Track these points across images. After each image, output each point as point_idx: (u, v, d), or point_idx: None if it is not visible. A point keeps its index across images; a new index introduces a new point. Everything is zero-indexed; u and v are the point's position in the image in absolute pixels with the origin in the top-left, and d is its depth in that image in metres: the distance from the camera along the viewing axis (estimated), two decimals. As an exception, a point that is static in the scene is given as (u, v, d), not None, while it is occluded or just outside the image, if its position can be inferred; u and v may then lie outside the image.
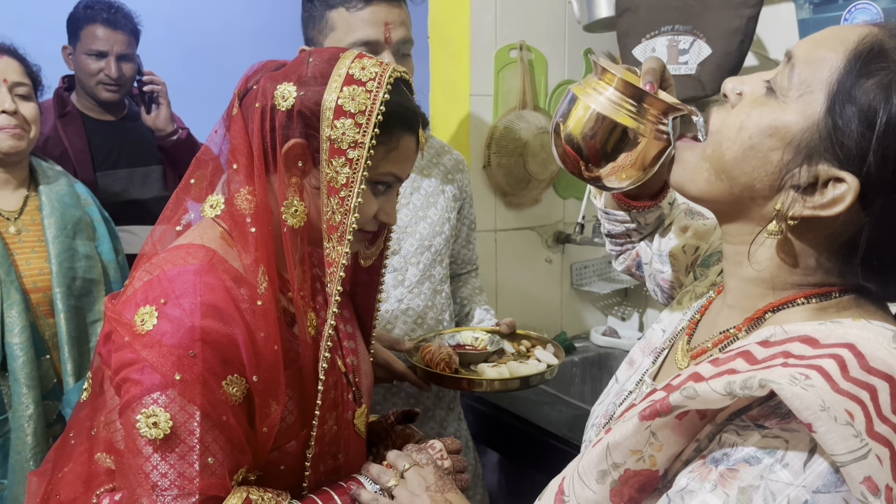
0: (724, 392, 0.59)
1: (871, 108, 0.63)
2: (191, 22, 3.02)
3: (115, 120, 2.28)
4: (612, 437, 0.67)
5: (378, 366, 1.30)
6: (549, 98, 2.15)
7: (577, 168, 0.84)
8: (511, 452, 1.79)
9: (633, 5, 1.83)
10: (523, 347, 1.43)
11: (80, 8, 2.20)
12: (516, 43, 2.07)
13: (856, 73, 0.64)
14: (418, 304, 1.50)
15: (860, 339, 0.61)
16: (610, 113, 0.79)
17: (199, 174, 0.96)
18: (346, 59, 0.91)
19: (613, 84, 0.80)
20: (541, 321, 2.24)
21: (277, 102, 0.89)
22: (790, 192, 0.67)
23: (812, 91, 0.66)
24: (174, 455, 0.81)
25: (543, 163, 2.09)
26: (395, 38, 1.36)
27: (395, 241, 1.48)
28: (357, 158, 0.88)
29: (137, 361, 0.82)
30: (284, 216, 0.90)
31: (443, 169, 1.59)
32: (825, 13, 1.50)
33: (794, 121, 0.66)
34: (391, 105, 0.90)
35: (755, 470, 0.58)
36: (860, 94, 0.64)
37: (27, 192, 1.61)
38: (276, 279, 0.90)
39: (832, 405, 0.55)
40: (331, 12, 1.36)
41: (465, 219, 1.66)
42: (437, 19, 1.95)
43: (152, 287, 0.85)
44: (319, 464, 0.97)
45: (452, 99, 2.03)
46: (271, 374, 0.87)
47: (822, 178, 0.65)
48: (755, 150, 0.68)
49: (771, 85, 0.69)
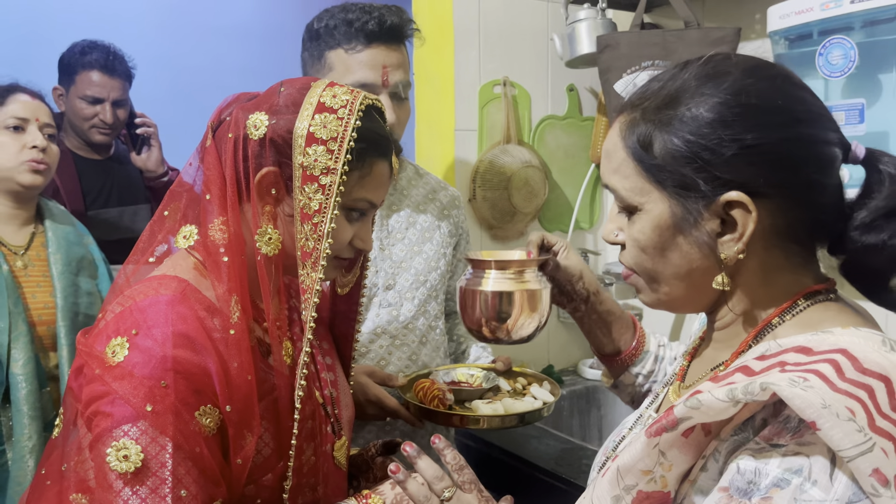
0: (726, 399, 0.60)
1: (673, 139, 0.70)
2: (178, 61, 3.05)
3: (104, 159, 2.28)
4: (621, 461, 0.68)
5: (370, 403, 1.29)
6: (533, 132, 2.18)
7: (493, 334, 1.05)
8: (499, 487, 1.77)
9: (613, 42, 1.87)
10: (519, 385, 1.41)
11: (75, 51, 2.19)
12: (500, 79, 2.10)
13: (637, 136, 0.73)
14: (413, 340, 1.49)
15: (852, 344, 0.63)
16: (496, 287, 1.02)
17: (172, 206, 0.97)
18: (317, 88, 0.93)
19: (491, 266, 1.03)
20: (528, 354, 2.23)
21: (250, 132, 0.90)
22: (717, 242, 0.71)
23: (628, 176, 0.74)
24: (145, 488, 0.79)
25: (528, 196, 2.11)
26: (393, 81, 1.38)
27: (389, 276, 1.48)
28: (330, 184, 0.89)
29: (108, 394, 0.81)
30: (258, 244, 0.90)
31: (439, 205, 1.59)
32: (800, 48, 1.53)
33: (659, 208, 0.72)
34: (363, 131, 0.91)
35: (787, 493, 0.58)
36: (652, 142, 0.72)
37: (34, 229, 1.69)
38: (249, 308, 0.90)
39: (832, 403, 0.56)
40: (330, 53, 1.38)
41: (461, 254, 1.65)
42: (422, 56, 1.98)
43: (124, 319, 0.85)
44: (297, 496, 0.96)
45: (437, 134, 2.05)
46: (245, 405, 0.86)
47: (720, 214, 0.70)
48: (665, 247, 0.73)
49: (623, 209, 0.77)
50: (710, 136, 0.68)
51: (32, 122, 1.65)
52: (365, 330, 1.45)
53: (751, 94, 0.69)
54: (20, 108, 1.64)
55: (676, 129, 0.70)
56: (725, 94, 0.69)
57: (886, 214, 0.69)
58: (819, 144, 0.70)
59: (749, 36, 1.85)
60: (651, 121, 0.72)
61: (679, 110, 0.70)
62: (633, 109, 0.75)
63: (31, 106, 1.66)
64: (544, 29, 2.17)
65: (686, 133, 0.69)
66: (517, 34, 2.13)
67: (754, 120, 0.68)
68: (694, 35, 1.76)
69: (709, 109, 0.69)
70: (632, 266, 0.78)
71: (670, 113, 0.71)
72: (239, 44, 3.20)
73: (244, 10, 3.31)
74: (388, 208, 1.51)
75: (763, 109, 0.69)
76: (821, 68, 1.45)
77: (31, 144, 1.62)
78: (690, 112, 0.69)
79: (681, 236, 0.72)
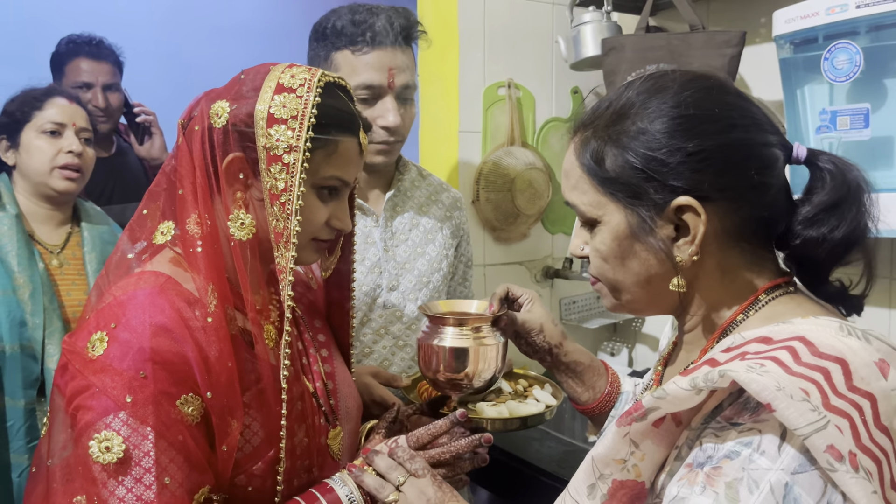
0: (688, 387, 0.64)
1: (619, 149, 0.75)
2: (182, 59, 3.05)
3: (107, 157, 2.28)
4: (595, 451, 0.72)
5: (375, 403, 1.29)
6: (537, 135, 2.18)
7: (450, 386, 1.09)
8: (501, 489, 1.77)
9: (618, 44, 1.87)
10: (520, 387, 1.41)
11: (62, 45, 2.22)
12: (504, 81, 2.10)
13: (589, 153, 0.78)
14: (416, 342, 1.49)
15: (809, 332, 0.66)
16: (453, 343, 1.05)
17: (151, 206, 0.98)
18: (276, 71, 0.93)
19: (448, 322, 1.07)
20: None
21: (213, 121, 0.92)
22: (672, 246, 0.75)
23: (586, 192, 0.78)
24: (130, 478, 0.81)
25: (531, 198, 2.11)
26: (399, 84, 1.38)
27: (393, 277, 1.48)
28: (293, 162, 0.89)
29: (89, 387, 0.83)
30: (232, 230, 0.92)
31: (441, 206, 1.59)
32: (806, 52, 1.53)
33: (616, 219, 0.77)
34: (324, 108, 0.91)
35: (737, 463, 0.61)
36: (601, 156, 0.76)
37: (70, 229, 1.72)
38: (229, 296, 0.91)
39: (787, 385, 0.60)
40: (336, 54, 1.38)
41: (462, 256, 1.66)
42: (427, 58, 1.98)
43: (103, 314, 0.86)
44: (293, 479, 0.96)
45: (442, 136, 2.05)
46: (227, 391, 0.87)
47: (673, 220, 0.74)
48: (625, 255, 0.78)
49: (585, 224, 0.81)
50: (656, 147, 0.73)
51: (69, 127, 1.66)
52: (368, 331, 1.45)
53: (689, 105, 0.74)
54: (58, 113, 1.66)
55: (625, 143, 0.75)
56: (667, 107, 0.74)
57: (827, 209, 0.74)
58: (757, 147, 0.75)
59: (754, 40, 1.84)
60: (601, 138, 0.77)
61: (625, 125, 0.75)
62: (584, 128, 0.80)
63: (69, 110, 1.68)
64: (549, 31, 2.17)
65: (634, 146, 0.74)
66: (522, 36, 2.13)
67: (694, 129, 0.73)
68: (699, 38, 1.76)
69: (652, 122, 0.74)
70: (596, 276, 0.83)
71: (618, 128, 0.76)
72: (242, 42, 3.20)
73: (248, 8, 3.31)
74: (392, 210, 1.51)
75: (701, 118, 0.74)
76: (826, 73, 1.45)
77: (67, 149, 1.64)
78: (636, 126, 0.75)
79: (638, 244, 0.76)
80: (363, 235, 1.46)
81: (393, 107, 1.38)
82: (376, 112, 1.38)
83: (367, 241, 1.46)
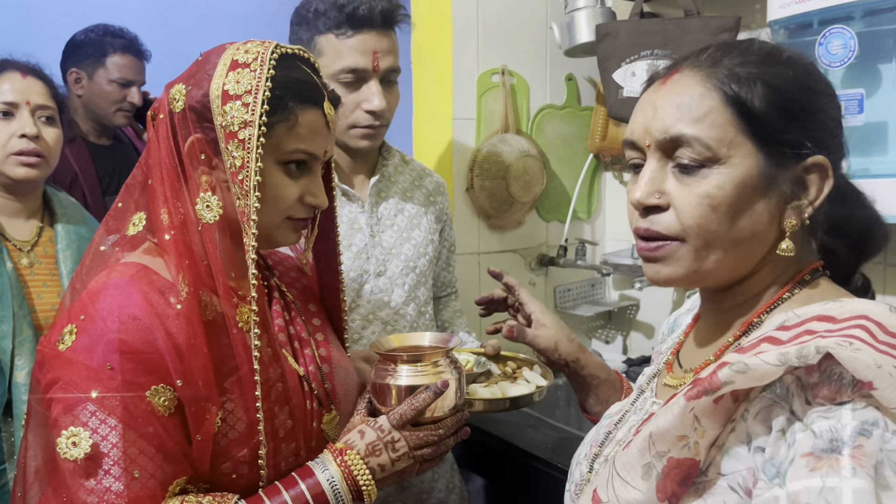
0: (777, 362, 0.60)
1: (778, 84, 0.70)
2: (177, 48, 3.02)
3: (110, 144, 2.28)
4: (654, 426, 0.67)
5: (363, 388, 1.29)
6: (532, 122, 2.17)
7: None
8: (495, 476, 1.78)
9: (612, 30, 1.86)
10: (509, 369, 1.41)
11: (98, 35, 2.21)
12: (498, 68, 2.09)
13: (738, 86, 0.70)
14: (404, 326, 1.50)
15: (870, 311, 0.64)
16: (409, 382, 0.98)
17: (127, 199, 0.98)
18: (230, 49, 0.92)
19: (402, 360, 1.00)
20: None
21: (173, 106, 0.91)
22: (786, 207, 0.71)
23: (719, 125, 0.70)
24: (100, 471, 0.80)
25: (526, 186, 2.10)
26: (383, 67, 1.38)
27: (380, 263, 1.48)
28: (248, 137, 0.87)
29: (57, 381, 0.82)
30: (199, 213, 0.90)
31: (425, 191, 1.60)
32: (800, 38, 1.52)
33: (747, 164, 0.70)
34: (280, 79, 0.89)
35: (874, 442, 0.57)
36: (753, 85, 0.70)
37: (40, 223, 1.54)
38: (204, 281, 0.90)
39: (883, 363, 0.57)
40: (319, 38, 1.37)
41: (446, 241, 1.66)
42: (420, 45, 1.97)
43: (75, 307, 0.86)
44: (280, 462, 0.95)
45: (435, 123, 2.04)
46: (201, 378, 0.86)
47: (798, 177, 0.71)
48: (741, 207, 0.70)
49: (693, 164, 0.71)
50: (806, 100, 0.71)
51: (23, 107, 1.47)
52: (357, 317, 1.46)
53: (816, 73, 0.74)
54: (8, 90, 1.46)
55: (778, 85, 0.70)
56: (811, 67, 0.73)
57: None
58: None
59: (749, 25, 1.83)
60: (752, 72, 0.70)
61: (779, 69, 0.71)
62: (725, 57, 0.72)
63: (22, 85, 1.48)
64: (543, 17, 2.16)
65: (789, 88, 0.70)
66: (516, 23, 2.12)
67: (831, 96, 0.73)
68: (694, 24, 1.75)
69: (804, 75, 0.72)
70: (680, 231, 0.72)
71: (773, 70, 0.71)
72: (237, 31, 3.17)
73: (243, -3, 3.29)
74: (377, 196, 1.51)
75: (830, 90, 0.74)
76: (820, 58, 1.44)
77: (20, 133, 1.45)
78: (790, 72, 0.71)
79: (758, 195, 0.70)
80: (349, 221, 1.46)
81: (378, 90, 1.38)
82: (361, 96, 1.38)
83: (354, 226, 1.46)
